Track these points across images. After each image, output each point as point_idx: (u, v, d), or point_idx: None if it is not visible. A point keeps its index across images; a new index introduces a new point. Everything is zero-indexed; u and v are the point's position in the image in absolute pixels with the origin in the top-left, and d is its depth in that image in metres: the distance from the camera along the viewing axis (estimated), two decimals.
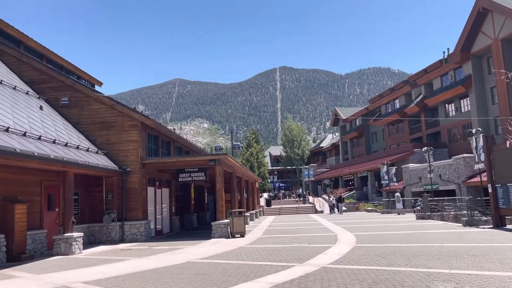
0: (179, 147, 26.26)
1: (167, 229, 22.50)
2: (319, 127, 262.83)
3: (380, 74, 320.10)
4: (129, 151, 18.56)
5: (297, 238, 16.44)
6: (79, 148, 15.86)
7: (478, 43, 38.99)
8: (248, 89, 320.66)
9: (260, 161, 69.62)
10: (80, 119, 18.87)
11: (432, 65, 52.19)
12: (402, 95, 55.02)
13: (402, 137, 54.97)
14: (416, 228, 18.70)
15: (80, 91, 19.06)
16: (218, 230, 18.18)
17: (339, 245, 13.19)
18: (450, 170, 33.41)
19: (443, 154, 42.85)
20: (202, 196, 32.06)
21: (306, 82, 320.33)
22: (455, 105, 44.39)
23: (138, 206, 18.23)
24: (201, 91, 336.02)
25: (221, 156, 19.23)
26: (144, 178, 18.91)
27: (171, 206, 23.50)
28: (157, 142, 21.68)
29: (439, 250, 11.13)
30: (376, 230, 18.67)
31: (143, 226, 18.10)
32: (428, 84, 48.96)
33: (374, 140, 64.81)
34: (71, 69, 27.12)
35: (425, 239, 13.95)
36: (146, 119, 19.19)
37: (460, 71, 42.79)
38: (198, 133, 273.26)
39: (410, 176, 39.16)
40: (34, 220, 13.95)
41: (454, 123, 44.44)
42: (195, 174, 19.20)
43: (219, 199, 18.95)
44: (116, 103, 19.00)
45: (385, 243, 13.40)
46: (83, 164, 14.42)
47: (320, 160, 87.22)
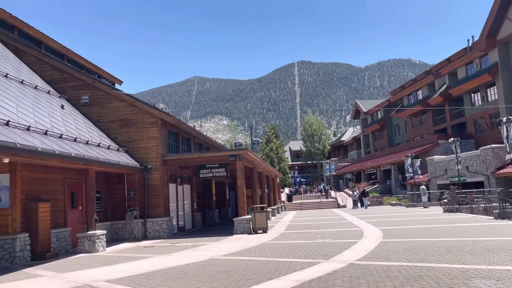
0: (199, 143, 26.17)
1: (189, 226, 22.46)
2: (339, 121, 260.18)
3: (400, 66, 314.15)
4: (150, 148, 18.51)
5: (321, 233, 16.08)
6: (100, 146, 15.86)
7: (504, 29, 37.54)
8: (267, 84, 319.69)
9: (280, 156, 69.14)
10: (101, 117, 18.91)
11: (456, 54, 50.65)
12: (425, 85, 53.64)
13: (426, 129, 53.65)
14: (444, 222, 18.08)
15: (100, 89, 19.09)
16: (240, 226, 17.98)
17: (366, 240, 12.79)
18: (477, 162, 32.35)
19: (469, 145, 41.59)
20: (224, 192, 31.97)
21: (325, 75, 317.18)
22: (481, 94, 42.96)
23: (160, 203, 18.18)
24: (220, 88, 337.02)
25: (242, 151, 18.99)
26: (165, 175, 18.84)
27: (193, 203, 23.45)
28: (177, 139, 21.59)
29: (472, 244, 10.62)
30: (403, 224, 18.13)
31: (165, 223, 18.04)
32: (452, 73, 47.55)
33: (396, 133, 63.55)
34: (91, 68, 27.33)
35: (456, 233, 13.41)
36: (166, 116, 19.09)
37: (486, 59, 41.36)
38: (218, 129, 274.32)
39: (436, 169, 38.15)
40: (58, 218, 14.02)
41: (480, 113, 43.04)
42: (215, 170, 19.02)
43: (241, 194, 18.73)
44: (136, 100, 18.97)
45: (413, 237, 12.92)
46: (104, 162, 14.39)
47: (342, 154, 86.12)
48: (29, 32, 21.75)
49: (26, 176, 12.44)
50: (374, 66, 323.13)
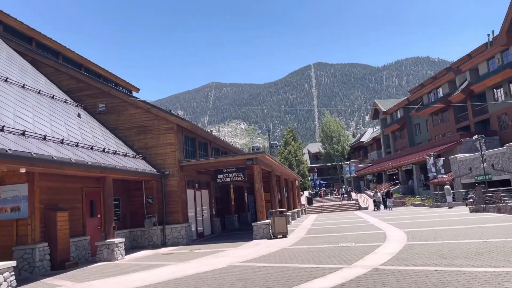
0: (216, 148, 26.05)
1: (208, 231, 22.29)
2: (358, 121, 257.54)
3: (419, 64, 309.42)
4: (167, 154, 18.44)
5: (343, 237, 15.67)
6: (117, 153, 15.84)
7: None
8: (283, 87, 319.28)
9: (299, 159, 68.55)
10: (118, 125, 18.95)
11: (477, 49, 49.39)
12: (445, 82, 52.42)
13: (448, 127, 52.39)
14: (471, 222, 17.41)
15: (116, 97, 19.15)
16: (260, 231, 17.70)
17: (389, 244, 12.34)
18: (503, 159, 31.30)
19: (493, 142, 40.35)
20: (242, 197, 31.75)
21: (342, 76, 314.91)
22: (504, 89, 41.68)
23: (178, 209, 18.06)
24: (237, 93, 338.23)
25: (259, 154, 18.74)
26: (183, 181, 18.73)
27: (211, 208, 23.29)
28: (194, 144, 21.50)
29: (503, 245, 10.09)
30: (427, 225, 17.54)
31: (184, 229, 17.90)
32: (473, 69, 46.33)
33: (417, 132, 62.31)
34: (108, 76, 27.59)
35: (484, 234, 12.83)
36: (182, 121, 19.01)
37: (507, 53, 40.14)
38: (236, 134, 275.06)
39: (459, 167, 37.12)
40: (76, 227, 14.01)
41: (504, 109, 41.75)
42: (233, 174, 18.81)
43: (259, 199, 18.46)
44: (152, 107, 18.95)
45: (439, 239, 12.41)
46: (121, 169, 14.34)
47: (361, 155, 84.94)
48: (47, 43, 22.06)
49: (44, 185, 12.46)
50: (392, 65, 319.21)
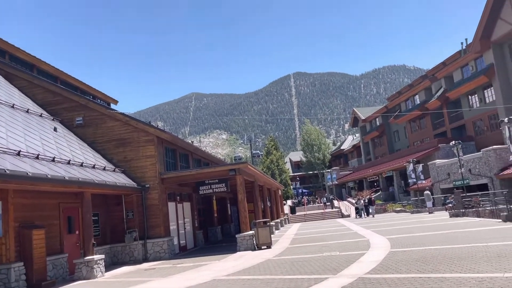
0: (197, 159, 25.79)
1: (191, 244, 21.95)
2: (338, 129, 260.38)
3: (395, 72, 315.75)
4: (147, 166, 18.13)
5: (327, 246, 15.61)
6: (95, 168, 15.49)
7: (498, 30, 37.51)
8: (264, 97, 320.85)
9: (281, 168, 68.70)
10: (96, 138, 18.58)
11: (451, 57, 50.66)
12: (422, 90, 53.54)
13: (425, 133, 53.39)
14: (452, 227, 17.62)
15: (94, 109, 18.80)
16: (243, 243, 17.51)
17: (373, 251, 12.34)
18: (480, 164, 31.97)
19: (470, 148, 41.22)
20: (225, 208, 31.47)
21: (321, 85, 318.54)
22: (479, 96, 42.78)
23: (160, 222, 17.73)
24: (218, 103, 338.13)
25: (241, 165, 18.61)
26: (164, 194, 18.43)
27: (194, 220, 22.97)
28: (175, 156, 21.23)
29: (484, 250, 10.19)
30: (410, 232, 17.66)
31: (166, 243, 17.56)
32: (448, 77, 47.46)
33: (396, 139, 63.28)
34: (85, 89, 27.09)
35: (465, 239, 12.97)
36: (162, 133, 18.76)
37: (481, 60, 41.28)
38: (217, 144, 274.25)
39: (438, 173, 37.74)
40: (53, 244, 13.56)
41: (479, 115, 42.81)
42: (215, 185, 18.62)
43: (242, 210, 18.29)
44: (131, 119, 18.66)
45: (422, 246, 12.47)
46: (100, 184, 14.00)
47: (342, 162, 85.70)
48: (20, 56, 21.55)
49: (19, 202, 12.03)
50: (370, 74, 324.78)
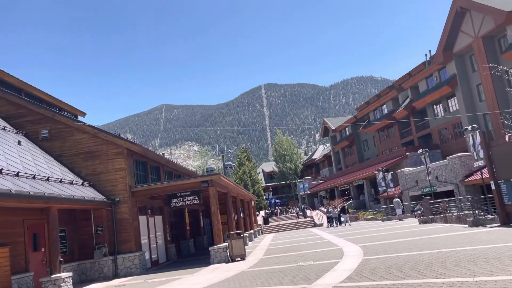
0: (169, 171, 25.43)
1: (163, 259, 21.50)
2: (309, 139, 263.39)
3: (363, 83, 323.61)
4: (117, 180, 17.72)
5: (301, 255, 15.62)
6: (62, 182, 14.99)
7: (459, 42, 39.13)
8: (235, 108, 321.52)
9: (254, 179, 68.71)
10: (63, 151, 18.04)
11: (416, 68, 52.38)
12: (389, 100, 55.00)
13: (394, 142, 54.72)
14: (422, 234, 18.00)
15: (61, 122, 18.28)
16: (217, 255, 17.29)
17: (347, 260, 12.42)
18: (446, 171, 32.96)
19: (436, 156, 42.51)
20: (198, 220, 31.08)
21: (292, 96, 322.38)
22: (443, 105, 44.34)
23: (131, 237, 17.30)
24: (189, 115, 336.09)
25: (214, 176, 18.46)
26: (134, 207, 18.02)
27: (166, 234, 22.54)
28: (146, 168, 20.85)
29: (453, 255, 10.43)
30: (381, 239, 17.93)
31: (137, 258, 17.13)
32: (414, 87, 48.99)
33: (365, 148, 64.54)
34: (52, 101, 26.30)
35: (435, 245, 13.25)
36: (132, 145, 18.41)
37: (444, 71, 42.86)
38: (189, 156, 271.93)
39: (407, 181, 38.65)
40: (18, 263, 12.98)
41: (444, 124, 44.30)
42: (188, 198, 18.37)
43: (215, 221, 18.10)
44: (100, 131, 18.24)
45: (394, 252, 12.66)
46: (67, 198, 13.55)
47: (314, 172, 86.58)
48: None
49: None
50: (339, 85, 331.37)
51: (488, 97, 36.08)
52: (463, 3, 37.20)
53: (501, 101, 34.61)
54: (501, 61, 33.44)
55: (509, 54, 32.71)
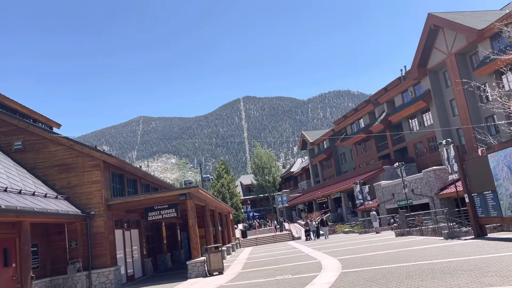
0: (146, 184, 25.05)
1: (139, 273, 21.02)
2: (287, 152, 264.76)
3: (341, 97, 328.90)
4: (92, 193, 17.32)
5: (280, 269, 15.54)
6: (36, 195, 14.56)
7: (433, 59, 40.34)
8: (214, 121, 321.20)
9: (232, 192, 68.39)
10: (37, 164, 17.56)
11: (392, 83, 53.59)
12: (366, 114, 55.97)
13: (370, 155, 55.55)
14: (398, 246, 18.21)
15: (35, 133, 17.82)
16: (195, 269, 17.03)
17: (325, 273, 12.42)
18: (421, 184, 33.60)
19: (412, 169, 43.36)
20: (175, 234, 30.61)
21: (270, 109, 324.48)
22: (418, 119, 45.41)
23: (106, 251, 16.87)
24: (166, 127, 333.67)
25: (192, 189, 18.27)
26: (110, 221, 17.62)
27: (142, 248, 22.09)
28: (122, 181, 20.49)
29: (430, 267, 10.57)
30: (359, 252, 18.04)
31: (112, 273, 16.69)
32: (390, 101, 50.05)
33: (343, 161, 65.25)
34: (26, 112, 25.65)
35: (412, 257, 13.42)
36: (108, 157, 18.08)
37: (419, 86, 44.01)
38: (166, 169, 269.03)
39: (383, 194, 39.18)
40: None
41: (419, 138, 45.31)
42: (165, 211, 18.10)
43: (193, 235, 17.87)
44: (75, 143, 17.85)
45: (372, 265, 12.74)
46: (40, 212, 13.13)
47: (292, 185, 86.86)
48: None
49: None
50: (316, 98, 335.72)
51: (461, 112, 37.16)
52: (436, 21, 38.46)
53: (474, 116, 35.70)
54: (473, 77, 34.60)
55: (481, 70, 33.86)
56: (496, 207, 14.94)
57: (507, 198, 14.11)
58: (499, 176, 14.34)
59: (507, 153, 13.65)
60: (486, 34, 33.20)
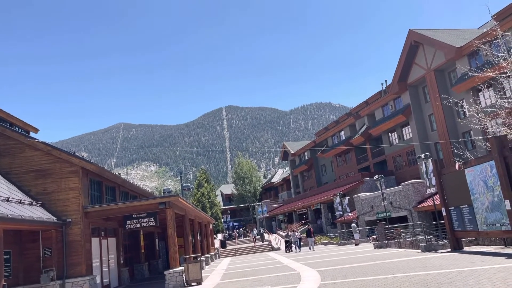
0: (125, 192, 24.66)
1: (115, 283, 20.57)
2: (268, 163, 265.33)
3: (322, 109, 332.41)
4: (69, 200, 16.94)
5: (259, 280, 15.45)
6: (10, 201, 14.15)
7: (413, 74, 41.21)
8: (195, 129, 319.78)
9: (212, 201, 67.93)
10: (12, 169, 17.11)
11: (373, 96, 54.43)
12: (347, 126, 56.62)
13: (350, 167, 56.08)
14: (377, 258, 18.34)
15: (11, 137, 17.39)
16: (172, 279, 16.77)
17: (305, 285, 12.40)
18: (400, 197, 34.03)
19: (391, 182, 43.89)
20: (153, 243, 30.16)
21: (253, 119, 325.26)
22: (398, 133, 46.16)
23: (81, 260, 16.47)
24: (147, 134, 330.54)
25: (172, 198, 18.07)
26: (87, 229, 17.25)
27: (119, 257, 21.66)
28: (101, 189, 20.12)
29: (408, 280, 10.67)
30: (338, 264, 18.09)
31: (87, 282, 16.28)
32: (371, 115, 50.77)
33: (323, 172, 65.67)
34: (2, 116, 25.01)
35: (390, 269, 13.52)
36: (87, 164, 17.76)
37: (399, 101, 44.82)
38: (146, 177, 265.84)
39: (363, 206, 39.51)
40: None
41: (398, 151, 46.01)
42: (143, 219, 17.83)
43: (172, 245, 17.63)
44: (53, 149, 17.48)
45: (351, 277, 12.79)
46: (14, 219, 12.75)
47: (273, 195, 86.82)
48: None
49: None
50: (298, 110, 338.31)
51: (439, 127, 37.96)
52: (417, 37, 39.39)
53: (451, 131, 36.50)
54: (451, 93, 35.45)
55: (459, 87, 34.73)
56: (472, 221, 15.23)
57: (482, 212, 14.41)
58: (476, 191, 14.65)
59: (483, 168, 13.97)
60: (464, 52, 34.14)
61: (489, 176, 13.67)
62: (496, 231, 13.99)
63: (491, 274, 9.80)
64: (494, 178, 13.31)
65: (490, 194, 13.77)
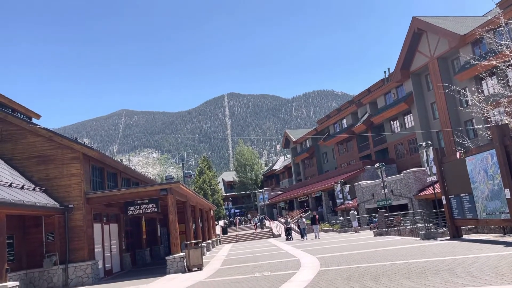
0: (127, 178, 24.80)
1: (117, 268, 20.82)
2: (270, 150, 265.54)
3: (324, 97, 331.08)
4: (71, 185, 17.08)
5: (259, 266, 15.60)
6: (13, 186, 14.27)
7: (416, 62, 40.93)
8: (197, 116, 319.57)
9: (214, 188, 68.27)
10: (14, 154, 17.21)
11: (375, 84, 54.16)
12: (349, 114, 56.48)
13: (352, 155, 56.11)
14: (377, 246, 18.47)
15: (13, 123, 17.46)
16: (174, 265, 16.97)
17: (304, 271, 12.53)
18: (401, 185, 34.12)
19: (392, 170, 43.96)
20: (155, 229, 30.40)
21: (255, 107, 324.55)
22: (400, 121, 46.04)
23: (84, 245, 16.66)
24: (149, 121, 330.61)
25: (173, 184, 18.17)
26: (89, 214, 17.40)
27: (121, 242, 21.88)
28: (103, 175, 20.23)
29: (406, 267, 10.77)
30: (337, 250, 18.24)
31: (89, 267, 16.50)
32: (373, 103, 50.61)
33: (325, 160, 65.74)
34: (4, 102, 25.06)
35: (389, 256, 13.63)
36: (89, 150, 17.84)
37: (401, 89, 44.62)
38: (148, 163, 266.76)
39: (363, 193, 39.65)
40: None
41: (399, 139, 45.95)
42: (145, 206, 17.96)
43: (173, 231, 17.78)
44: (55, 135, 17.55)
45: (350, 264, 12.91)
46: (17, 204, 12.88)
47: (274, 183, 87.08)
48: None
49: None
50: (300, 98, 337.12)
51: (441, 115, 37.84)
52: (420, 25, 39.02)
53: (453, 120, 36.39)
54: (454, 81, 35.25)
55: (461, 75, 34.51)
56: (472, 209, 15.30)
57: (482, 201, 14.46)
58: (476, 179, 14.68)
59: (484, 157, 13.97)
60: (467, 40, 33.85)
61: (489, 164, 13.68)
62: (496, 220, 14.05)
63: (489, 262, 9.89)
64: (495, 166, 13.32)
65: (490, 182, 13.80)
